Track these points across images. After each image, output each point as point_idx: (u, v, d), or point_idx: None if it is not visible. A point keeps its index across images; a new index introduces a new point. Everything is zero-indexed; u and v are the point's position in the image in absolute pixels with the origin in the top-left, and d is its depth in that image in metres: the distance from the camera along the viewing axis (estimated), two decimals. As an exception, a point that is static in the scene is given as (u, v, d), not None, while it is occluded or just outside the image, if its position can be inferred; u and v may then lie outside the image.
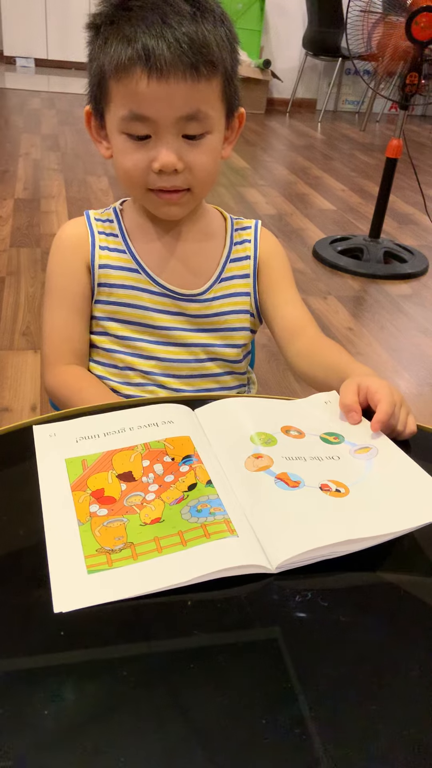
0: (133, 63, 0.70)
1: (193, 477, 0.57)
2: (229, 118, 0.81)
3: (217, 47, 0.72)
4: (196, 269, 0.88)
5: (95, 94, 0.77)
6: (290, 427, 0.66)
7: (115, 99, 0.74)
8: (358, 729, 0.40)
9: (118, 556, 0.50)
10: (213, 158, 0.78)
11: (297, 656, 0.45)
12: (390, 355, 2.17)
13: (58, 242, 0.88)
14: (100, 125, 0.80)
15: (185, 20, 0.70)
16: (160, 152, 0.74)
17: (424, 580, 0.53)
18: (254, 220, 0.94)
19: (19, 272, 2.38)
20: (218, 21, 0.73)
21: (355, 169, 4.34)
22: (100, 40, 0.74)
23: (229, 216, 0.93)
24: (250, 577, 0.49)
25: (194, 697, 0.41)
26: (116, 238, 0.87)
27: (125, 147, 0.76)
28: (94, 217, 0.88)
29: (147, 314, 0.86)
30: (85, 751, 0.38)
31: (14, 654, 0.43)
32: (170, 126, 0.73)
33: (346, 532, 0.52)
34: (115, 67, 0.71)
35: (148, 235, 0.87)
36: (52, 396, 0.87)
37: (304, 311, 0.92)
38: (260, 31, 5.51)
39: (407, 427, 0.68)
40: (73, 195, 3.18)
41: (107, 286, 0.86)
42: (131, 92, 0.72)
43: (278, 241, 0.95)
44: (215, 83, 0.74)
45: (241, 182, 3.76)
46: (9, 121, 4.40)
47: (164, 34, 0.69)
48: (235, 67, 0.78)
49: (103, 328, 0.88)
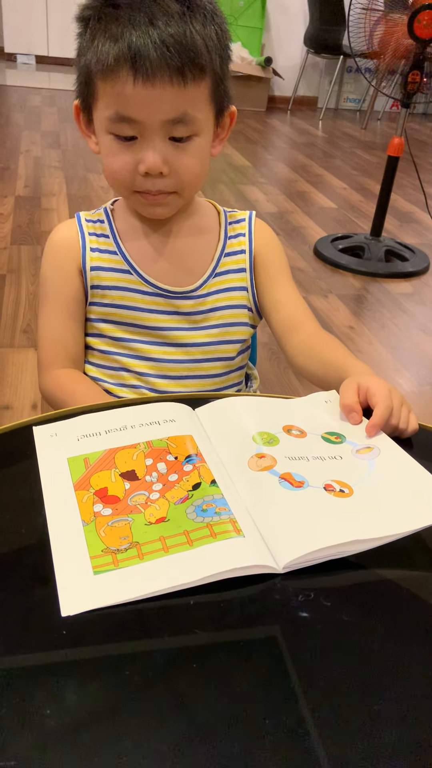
0: (119, 64, 0.69)
1: (197, 476, 0.57)
2: (219, 117, 0.80)
3: (206, 49, 0.71)
4: (190, 266, 0.88)
5: (83, 90, 0.76)
6: (292, 427, 0.65)
7: (102, 98, 0.73)
8: (360, 729, 0.40)
9: (124, 555, 0.50)
10: (200, 161, 0.78)
11: (299, 656, 0.45)
12: (391, 354, 2.17)
13: (49, 246, 0.88)
14: (88, 120, 0.79)
15: (173, 20, 0.68)
16: (146, 155, 0.74)
17: (427, 580, 0.53)
18: (248, 211, 0.93)
19: (20, 270, 2.38)
20: (208, 19, 0.71)
21: (357, 167, 4.33)
22: (88, 35, 0.72)
23: (222, 209, 0.92)
24: (253, 577, 0.49)
25: (196, 696, 0.41)
26: (107, 239, 0.87)
27: (112, 147, 0.76)
28: (85, 219, 0.88)
29: (141, 315, 0.86)
30: (87, 750, 0.38)
31: (16, 653, 0.43)
32: (156, 128, 0.72)
33: (352, 533, 0.52)
34: (101, 66, 0.70)
35: (140, 233, 0.87)
36: (47, 399, 0.87)
37: (303, 306, 0.91)
38: (261, 28, 5.50)
39: (409, 425, 0.68)
40: (74, 192, 3.17)
41: (100, 288, 0.86)
42: (117, 93, 0.71)
43: (273, 233, 0.94)
44: (203, 86, 0.73)
45: (241, 180, 3.75)
46: (10, 118, 4.39)
47: (151, 34, 0.67)
48: (226, 67, 0.76)
49: (97, 330, 0.88)
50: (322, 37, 5.34)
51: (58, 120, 4.41)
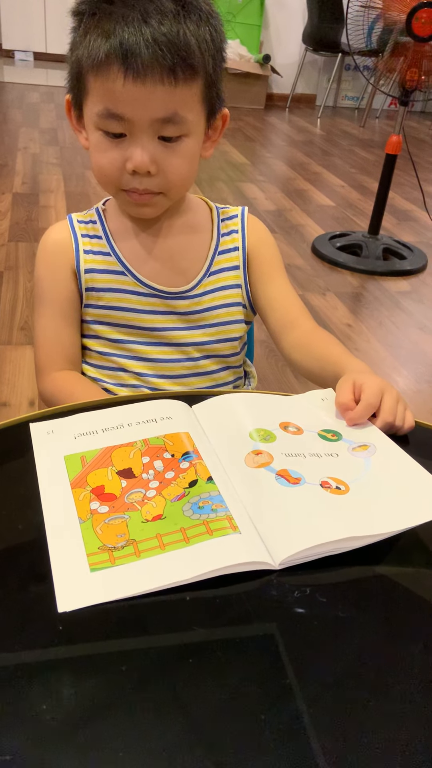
0: (110, 60, 0.68)
1: (194, 473, 0.57)
2: (211, 119, 0.79)
3: (199, 49, 0.70)
4: (183, 265, 0.87)
5: (74, 85, 0.76)
6: (288, 424, 0.66)
7: (92, 94, 0.73)
8: (356, 725, 0.40)
9: (121, 553, 0.50)
10: (189, 162, 0.77)
11: (295, 652, 0.45)
12: (388, 352, 2.17)
13: (42, 249, 0.87)
14: (79, 115, 0.79)
15: (167, 19, 0.68)
16: (134, 153, 0.73)
17: (422, 576, 0.53)
18: (240, 207, 0.93)
19: (18, 267, 2.38)
20: (203, 20, 0.71)
21: (355, 165, 4.33)
22: (81, 30, 0.72)
23: (214, 206, 0.92)
24: (249, 573, 0.49)
25: (193, 692, 0.41)
26: (100, 240, 0.86)
27: (100, 143, 0.75)
28: (78, 220, 0.87)
29: (137, 316, 0.86)
30: (83, 745, 0.38)
31: (12, 649, 0.43)
32: (146, 127, 0.72)
33: (348, 530, 0.52)
34: (92, 62, 0.70)
35: (132, 233, 0.86)
36: (46, 402, 0.87)
37: (297, 302, 0.91)
38: (260, 25, 5.49)
39: (405, 423, 0.68)
40: (72, 189, 3.17)
41: (95, 290, 0.85)
42: (107, 90, 0.70)
43: (266, 228, 0.94)
44: (195, 87, 0.72)
45: (240, 178, 3.75)
46: (7, 115, 4.38)
47: (143, 32, 0.67)
48: (219, 69, 0.76)
49: (94, 332, 0.87)
50: (321, 34, 5.33)
51: (56, 117, 4.40)
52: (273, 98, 5.79)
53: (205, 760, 0.38)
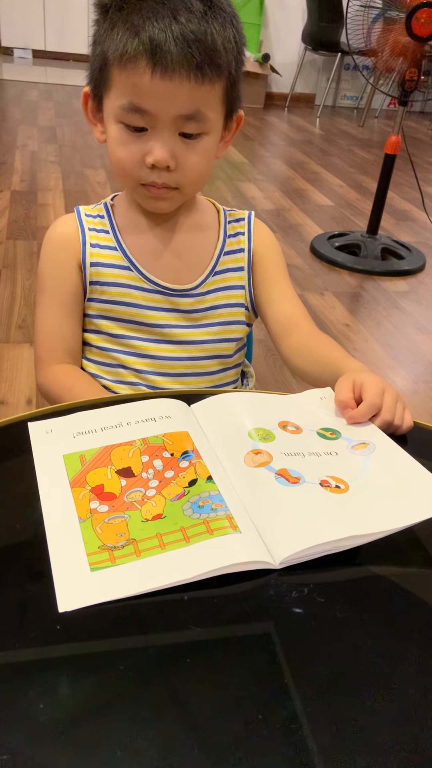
0: (138, 55, 0.69)
1: (194, 473, 0.57)
2: (228, 120, 0.80)
3: (224, 50, 0.72)
4: (189, 263, 0.88)
5: (96, 77, 0.76)
6: (287, 423, 0.66)
7: (116, 87, 0.73)
8: (353, 724, 0.41)
9: (121, 552, 0.50)
10: (206, 159, 0.78)
11: (293, 651, 0.45)
12: (386, 352, 2.17)
13: (48, 240, 0.87)
14: (97, 108, 0.79)
15: (195, 18, 0.69)
16: (154, 147, 0.74)
17: (420, 576, 0.53)
18: (247, 211, 0.93)
19: (16, 265, 2.38)
20: (228, 21, 0.72)
21: (354, 165, 4.33)
22: (107, 23, 0.72)
23: (222, 208, 0.92)
24: (248, 572, 0.49)
25: (190, 691, 0.41)
26: (107, 234, 0.86)
27: (120, 137, 0.76)
28: (85, 213, 0.88)
29: (140, 312, 0.86)
30: (80, 744, 0.38)
31: (10, 647, 0.43)
32: (168, 122, 0.73)
33: (348, 529, 0.52)
34: (119, 55, 0.70)
35: (140, 229, 0.87)
36: (44, 395, 0.87)
37: (299, 306, 0.91)
38: (259, 24, 5.49)
39: (404, 422, 0.68)
40: (70, 187, 3.17)
41: (99, 284, 0.85)
42: (133, 84, 0.71)
43: (272, 233, 0.94)
44: (218, 86, 0.74)
45: (239, 177, 3.75)
46: (6, 112, 4.37)
47: (173, 29, 0.68)
48: (240, 70, 0.77)
49: (96, 326, 0.87)
50: (320, 34, 5.33)
51: (55, 115, 4.39)
52: (272, 97, 5.79)
53: (202, 758, 0.38)
